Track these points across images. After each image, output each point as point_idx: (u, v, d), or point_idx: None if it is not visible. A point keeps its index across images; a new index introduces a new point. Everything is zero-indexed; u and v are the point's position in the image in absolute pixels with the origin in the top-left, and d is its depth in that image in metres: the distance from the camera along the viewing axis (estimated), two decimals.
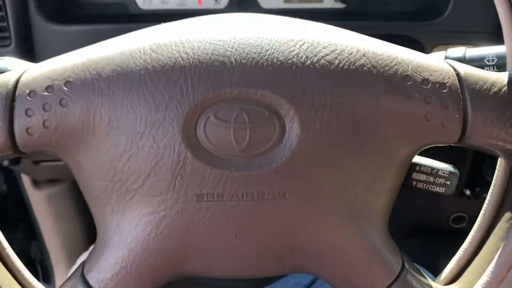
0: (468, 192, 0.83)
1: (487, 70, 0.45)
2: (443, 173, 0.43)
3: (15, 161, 0.76)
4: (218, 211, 0.36)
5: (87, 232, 1.13)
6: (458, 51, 0.47)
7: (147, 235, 0.36)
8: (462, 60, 0.47)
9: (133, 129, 0.35)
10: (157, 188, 0.35)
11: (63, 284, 0.41)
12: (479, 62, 0.46)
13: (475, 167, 0.83)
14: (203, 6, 0.77)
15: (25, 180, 0.98)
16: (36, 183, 0.99)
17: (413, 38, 0.69)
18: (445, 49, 0.50)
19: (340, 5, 0.77)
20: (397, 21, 0.71)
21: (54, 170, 0.89)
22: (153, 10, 0.77)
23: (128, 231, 0.37)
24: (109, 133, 0.35)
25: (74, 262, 1.05)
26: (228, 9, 0.76)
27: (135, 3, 0.77)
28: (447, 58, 0.47)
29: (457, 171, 0.43)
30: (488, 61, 0.46)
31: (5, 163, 0.76)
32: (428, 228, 1.01)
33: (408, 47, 0.39)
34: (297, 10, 0.76)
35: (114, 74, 0.35)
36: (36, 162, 0.84)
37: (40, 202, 1.02)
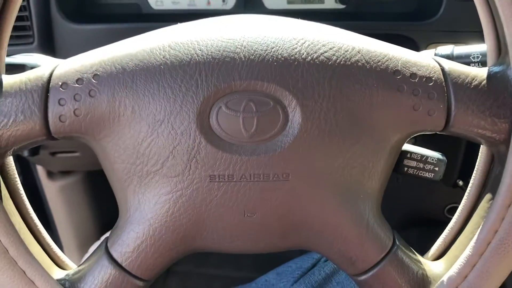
0: (461, 183, 0.87)
1: (473, 66, 0.49)
2: (432, 160, 0.47)
3: (34, 152, 0.80)
4: (228, 190, 0.40)
5: (99, 222, 1.16)
6: (446, 49, 0.51)
7: (165, 212, 0.40)
8: (450, 57, 0.51)
9: (154, 117, 0.39)
10: (175, 170, 0.39)
11: (88, 258, 0.45)
12: (465, 59, 0.50)
13: (468, 159, 0.87)
14: (211, 6, 0.80)
15: (40, 171, 1.02)
16: (50, 174, 1.03)
17: (408, 37, 0.73)
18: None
19: (340, 6, 0.80)
20: (393, 21, 0.74)
21: (69, 162, 0.93)
22: (164, 10, 0.81)
23: (148, 208, 0.41)
24: (133, 121, 0.39)
25: (86, 251, 1.09)
26: (235, 9, 0.79)
27: (148, 3, 0.81)
28: (436, 55, 0.52)
29: (444, 158, 0.47)
30: (474, 58, 0.49)
31: (25, 153, 0.80)
32: (424, 219, 1.04)
33: (403, 46, 0.42)
34: (299, 10, 0.79)
35: (137, 68, 0.39)
36: (53, 154, 0.88)
37: (54, 193, 1.06)
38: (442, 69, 0.40)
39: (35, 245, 0.44)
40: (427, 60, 0.41)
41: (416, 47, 0.72)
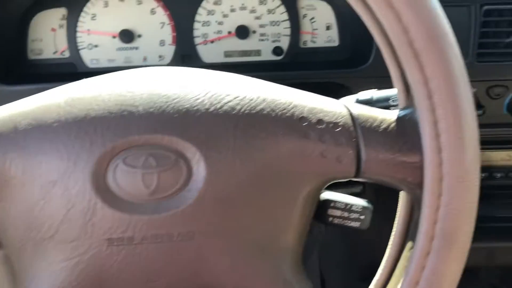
0: None
1: (393, 109, 0.48)
2: (357, 208, 0.45)
3: None
4: (129, 254, 0.37)
5: None
6: (367, 94, 0.51)
7: (62, 282, 0.37)
8: (370, 101, 0.50)
9: (46, 178, 0.36)
10: (70, 234, 0.37)
11: None
12: (384, 103, 0.49)
13: None
14: (147, 62, 0.80)
15: None
16: None
17: (342, 84, 0.73)
18: None
19: (277, 57, 0.82)
20: (328, 70, 0.75)
21: None
22: (100, 68, 0.80)
23: (44, 278, 0.37)
24: (24, 183, 0.37)
25: None
26: (172, 64, 0.79)
27: (83, 62, 0.80)
28: (358, 101, 0.51)
29: (370, 205, 0.45)
30: (393, 101, 0.49)
31: None
32: None
33: (339, 93, 0.42)
34: (237, 63, 0.80)
35: (29, 127, 0.37)
36: None
37: None
38: (351, 114, 0.40)
39: None
40: (335, 105, 0.40)
41: (350, 93, 0.72)
